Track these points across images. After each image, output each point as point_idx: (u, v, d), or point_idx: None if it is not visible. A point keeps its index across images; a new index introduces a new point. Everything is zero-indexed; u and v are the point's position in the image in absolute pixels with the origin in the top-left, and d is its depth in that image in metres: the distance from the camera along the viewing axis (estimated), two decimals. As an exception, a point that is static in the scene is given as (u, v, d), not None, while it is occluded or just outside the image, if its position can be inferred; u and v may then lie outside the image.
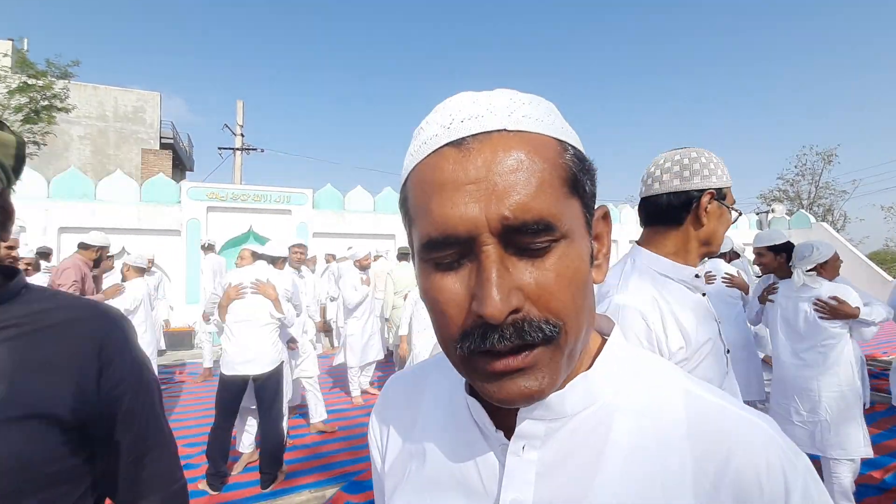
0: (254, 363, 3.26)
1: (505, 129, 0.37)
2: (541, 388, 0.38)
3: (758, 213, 15.78)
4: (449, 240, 0.37)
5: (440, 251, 0.37)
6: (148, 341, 4.33)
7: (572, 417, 0.42)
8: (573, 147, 0.41)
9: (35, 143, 12.94)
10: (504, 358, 0.36)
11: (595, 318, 0.45)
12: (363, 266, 5.26)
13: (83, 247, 4.01)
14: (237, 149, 14.46)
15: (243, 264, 4.03)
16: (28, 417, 0.63)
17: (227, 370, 3.27)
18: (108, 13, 68.99)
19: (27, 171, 7.85)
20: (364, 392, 5.41)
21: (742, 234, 14.38)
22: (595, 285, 0.43)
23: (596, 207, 0.45)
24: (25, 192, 7.62)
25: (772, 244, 3.03)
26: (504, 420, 0.44)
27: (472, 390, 0.47)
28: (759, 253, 3.13)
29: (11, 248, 3.12)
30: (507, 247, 0.36)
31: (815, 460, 2.53)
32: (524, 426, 0.42)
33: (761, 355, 3.60)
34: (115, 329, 0.73)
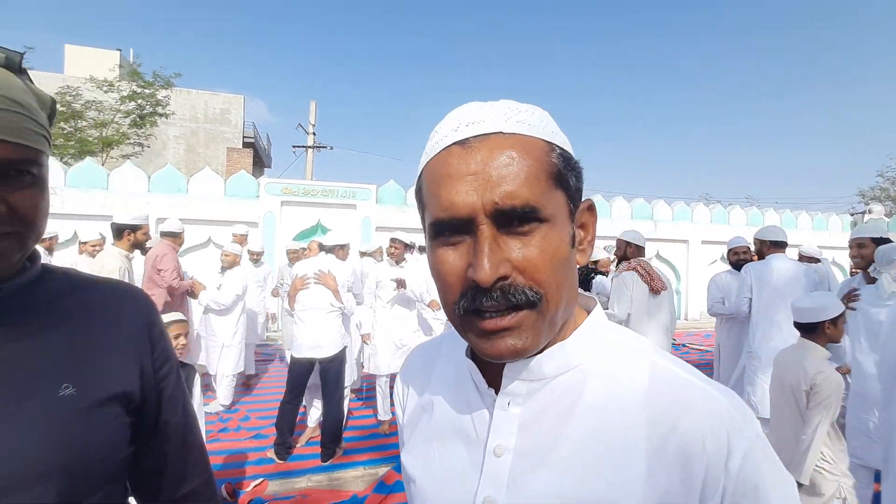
0: (319, 348, 3.54)
1: (501, 132, 0.45)
2: (525, 346, 0.45)
3: (852, 214, 14.22)
4: (452, 220, 0.44)
5: (445, 229, 0.46)
6: (243, 328, 4.74)
7: (551, 380, 0.50)
8: (561, 148, 0.48)
9: (139, 144, 14.54)
10: (494, 319, 0.44)
11: (577, 295, 0.52)
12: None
13: (171, 234, 4.44)
14: (309, 147, 15.33)
15: (310, 255, 4.35)
16: (111, 400, 0.62)
17: (297, 353, 3.59)
18: (201, 24, 75.29)
19: (131, 168, 8.87)
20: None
21: (833, 236, 13.05)
22: None
23: (583, 199, 0.51)
24: (130, 187, 8.61)
25: (877, 236, 2.77)
26: (495, 380, 0.52)
27: (472, 354, 0.56)
28: (860, 244, 2.84)
29: (145, 233, 3.55)
30: (499, 227, 0.44)
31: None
32: (510, 385, 0.50)
33: (833, 366, 3.34)
34: (154, 309, 0.73)
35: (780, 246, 3.39)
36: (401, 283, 4.12)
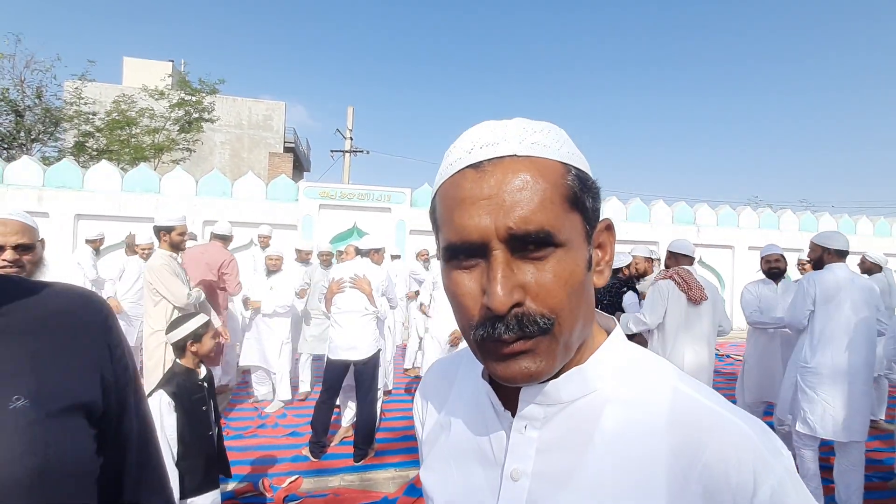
0: (354, 350, 3.62)
1: (515, 155, 0.44)
2: (538, 369, 0.44)
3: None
4: (465, 244, 0.44)
5: (459, 253, 0.45)
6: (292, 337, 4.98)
7: (569, 404, 0.49)
8: (577, 169, 0.47)
9: (188, 149, 15.30)
10: (510, 344, 0.44)
11: (594, 316, 0.51)
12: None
13: (223, 238, 4.66)
14: (346, 151, 15.68)
15: (346, 259, 4.44)
16: (69, 410, 0.58)
17: (332, 355, 3.68)
18: (247, 33, 78.65)
19: (181, 173, 9.31)
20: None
21: (892, 242, 12.15)
22: None
23: (601, 219, 0.50)
24: (178, 191, 9.06)
25: None
26: (513, 402, 0.51)
27: (488, 376, 0.55)
28: None
29: (180, 234, 3.60)
30: (513, 252, 0.43)
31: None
32: (525, 408, 0.50)
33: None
34: (110, 313, 0.68)
35: (842, 255, 3.09)
36: None
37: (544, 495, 0.47)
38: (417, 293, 6.12)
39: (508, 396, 0.52)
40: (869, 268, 4.56)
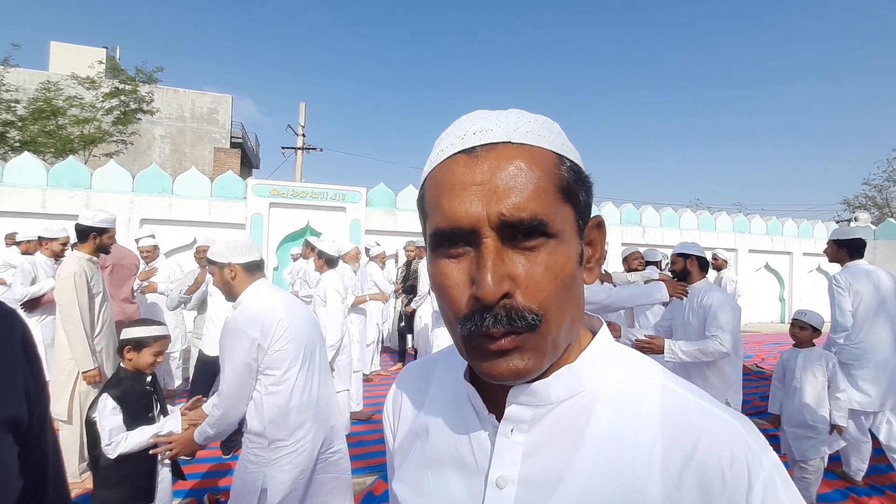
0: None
1: (509, 142, 0.43)
2: (526, 367, 0.43)
3: (838, 222, 14.50)
4: (455, 231, 0.43)
5: (448, 241, 0.44)
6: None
7: (557, 405, 0.47)
8: (571, 161, 0.46)
9: (123, 142, 14.29)
10: (497, 340, 0.42)
11: (583, 315, 0.50)
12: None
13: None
14: (298, 148, 15.21)
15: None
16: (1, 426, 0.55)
17: (210, 351, 3.58)
18: (190, 22, 74.72)
19: (115, 167, 8.67)
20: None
21: (819, 244, 13.28)
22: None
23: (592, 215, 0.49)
24: (113, 186, 8.44)
25: (692, 253, 3.09)
26: (497, 405, 0.49)
27: (471, 377, 0.53)
28: (674, 261, 3.07)
29: (112, 237, 3.18)
30: (504, 241, 0.42)
31: None
32: (512, 410, 0.47)
33: None
34: (24, 322, 0.66)
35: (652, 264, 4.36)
36: None
37: (532, 502, 0.45)
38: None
39: (491, 398, 0.50)
40: (719, 265, 5.23)
